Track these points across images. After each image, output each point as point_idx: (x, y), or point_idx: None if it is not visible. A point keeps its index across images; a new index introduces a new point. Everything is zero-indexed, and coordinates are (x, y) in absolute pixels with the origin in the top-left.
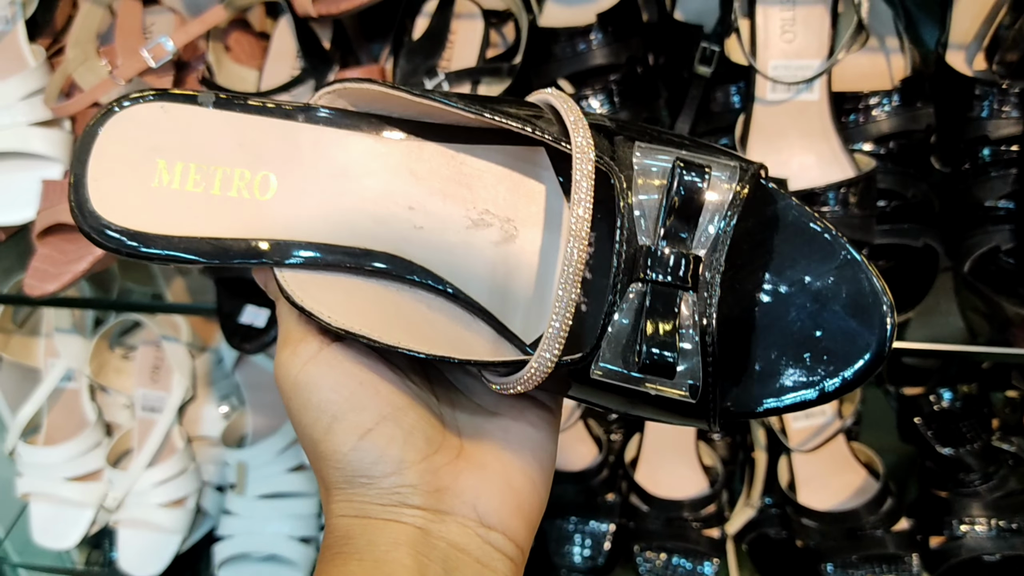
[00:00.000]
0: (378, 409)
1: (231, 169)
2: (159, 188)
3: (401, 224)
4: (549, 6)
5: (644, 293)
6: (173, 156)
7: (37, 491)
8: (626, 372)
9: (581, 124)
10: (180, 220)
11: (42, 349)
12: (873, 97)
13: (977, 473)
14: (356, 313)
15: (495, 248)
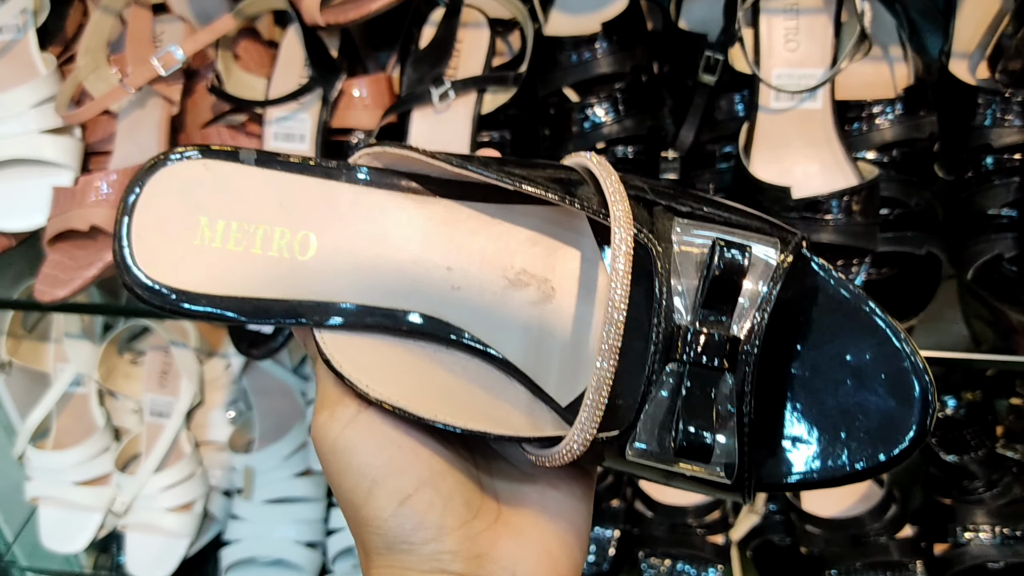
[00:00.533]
0: (417, 474)
1: (272, 228)
2: (201, 246)
3: (438, 284)
4: (554, 15)
5: (681, 374)
6: (215, 214)
7: (46, 495)
8: (661, 453)
9: (620, 195)
10: (222, 278)
11: (51, 354)
12: (876, 105)
13: (981, 480)
14: (394, 380)
15: (531, 308)
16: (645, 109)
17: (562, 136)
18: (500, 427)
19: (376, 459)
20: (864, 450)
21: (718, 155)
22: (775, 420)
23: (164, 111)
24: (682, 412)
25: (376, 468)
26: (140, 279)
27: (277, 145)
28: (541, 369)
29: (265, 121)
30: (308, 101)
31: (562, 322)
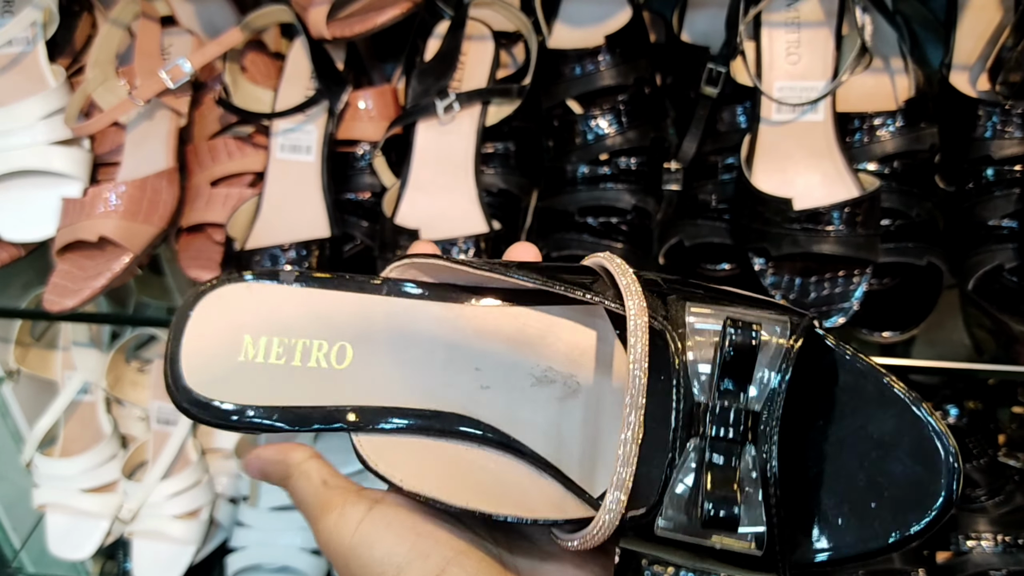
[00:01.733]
0: (442, 554)
1: (310, 341)
2: (245, 362)
3: (469, 385)
4: (558, 28)
5: (703, 449)
6: (258, 331)
7: (53, 502)
8: (689, 526)
9: (634, 287)
10: (265, 391)
11: (59, 362)
12: (877, 117)
13: (983, 489)
14: (427, 474)
15: (559, 404)
16: (648, 121)
17: (566, 148)
18: (531, 513)
19: (400, 547)
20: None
21: (720, 166)
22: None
23: (172, 123)
24: (706, 484)
25: (401, 554)
26: (190, 397)
27: (283, 157)
28: (570, 462)
29: (272, 133)
30: (314, 113)
31: (588, 415)
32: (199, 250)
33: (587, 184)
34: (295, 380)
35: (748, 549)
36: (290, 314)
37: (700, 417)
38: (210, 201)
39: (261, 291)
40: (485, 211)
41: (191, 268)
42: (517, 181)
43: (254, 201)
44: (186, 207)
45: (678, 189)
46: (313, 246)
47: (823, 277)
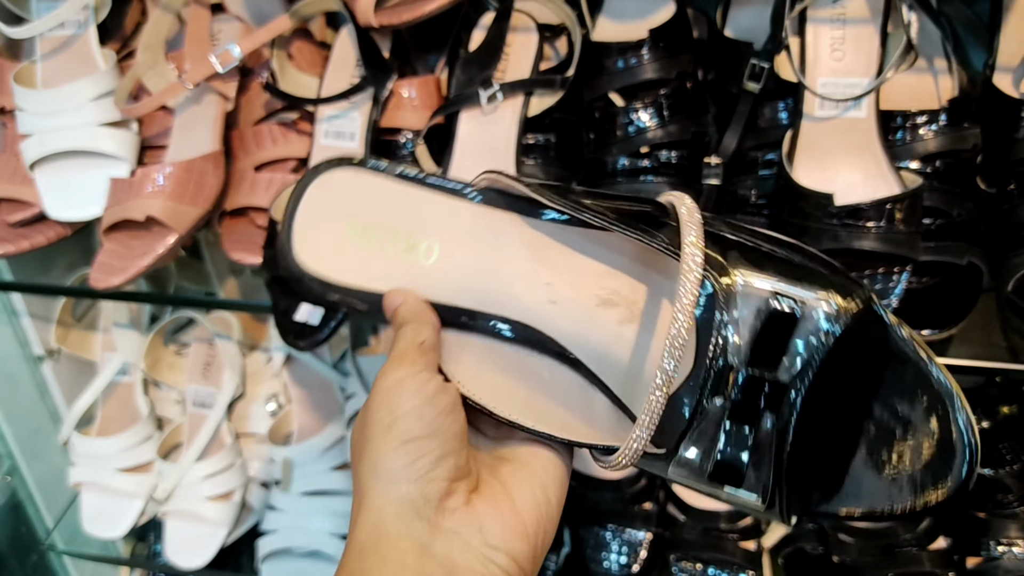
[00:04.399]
0: (432, 426)
1: (404, 235)
2: (345, 243)
3: (538, 298)
4: (602, 21)
5: (725, 408)
6: (360, 218)
7: (89, 481)
8: (697, 475)
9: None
10: (360, 273)
11: (99, 343)
12: (921, 116)
13: (1015, 494)
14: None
15: (619, 327)
16: (689, 115)
17: (606, 140)
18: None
19: (409, 403)
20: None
21: (761, 162)
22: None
23: (219, 107)
24: (721, 442)
25: (403, 410)
26: (297, 267)
27: (327, 143)
28: (624, 382)
29: (316, 119)
30: (359, 100)
31: (643, 342)
32: (242, 233)
33: (627, 176)
34: (386, 268)
35: (753, 504)
36: (391, 205)
37: (728, 380)
38: (254, 185)
39: (366, 179)
40: None
41: (234, 251)
42: (557, 172)
43: None
44: (230, 191)
45: (718, 183)
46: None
47: (863, 274)
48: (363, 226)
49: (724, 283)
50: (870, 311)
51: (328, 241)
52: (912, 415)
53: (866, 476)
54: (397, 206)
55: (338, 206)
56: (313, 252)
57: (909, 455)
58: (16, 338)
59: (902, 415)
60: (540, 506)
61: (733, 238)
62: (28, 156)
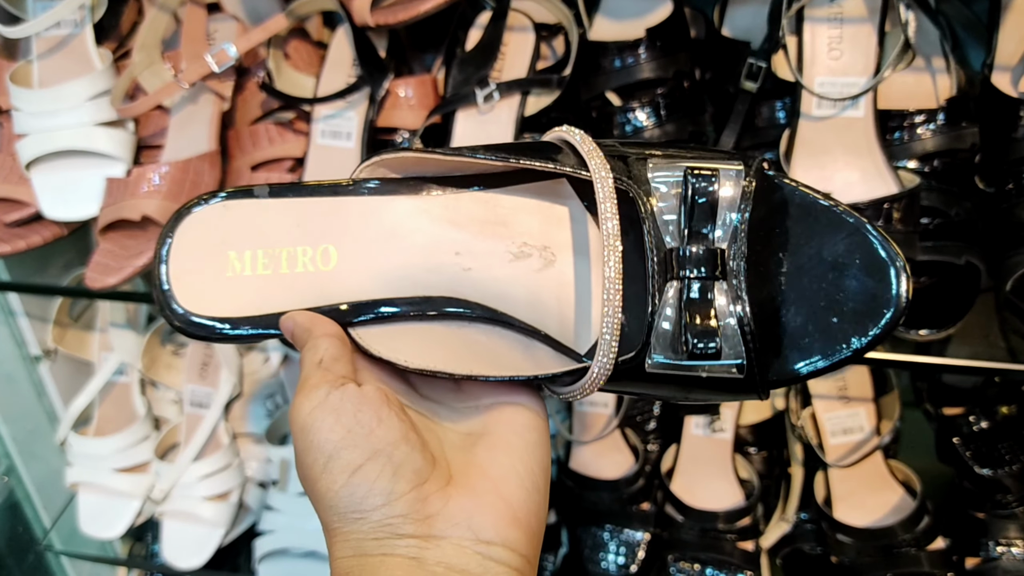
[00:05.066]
0: (370, 445)
1: (294, 248)
2: (233, 276)
3: (451, 269)
4: (599, 20)
5: (681, 289)
6: (241, 246)
7: (86, 481)
8: (676, 359)
9: (596, 152)
10: (257, 301)
11: (96, 343)
12: (918, 115)
13: (1014, 495)
14: (428, 353)
15: (538, 275)
16: (686, 114)
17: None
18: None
19: (333, 434)
20: (856, 328)
21: None
22: (773, 321)
23: (215, 107)
24: (687, 320)
25: (332, 443)
26: (184, 316)
27: (324, 143)
28: (555, 326)
29: (313, 119)
30: (355, 100)
31: (568, 281)
32: None
33: None
34: (285, 287)
35: (731, 374)
36: (270, 225)
37: (674, 261)
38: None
39: (238, 208)
40: None
41: None
42: None
43: None
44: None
45: None
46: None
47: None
48: (247, 254)
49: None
50: (765, 176)
51: (213, 280)
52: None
53: (818, 325)
54: (277, 223)
55: (213, 243)
56: (199, 295)
57: (847, 291)
58: (13, 338)
59: (826, 258)
60: (525, 483)
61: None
62: (24, 156)
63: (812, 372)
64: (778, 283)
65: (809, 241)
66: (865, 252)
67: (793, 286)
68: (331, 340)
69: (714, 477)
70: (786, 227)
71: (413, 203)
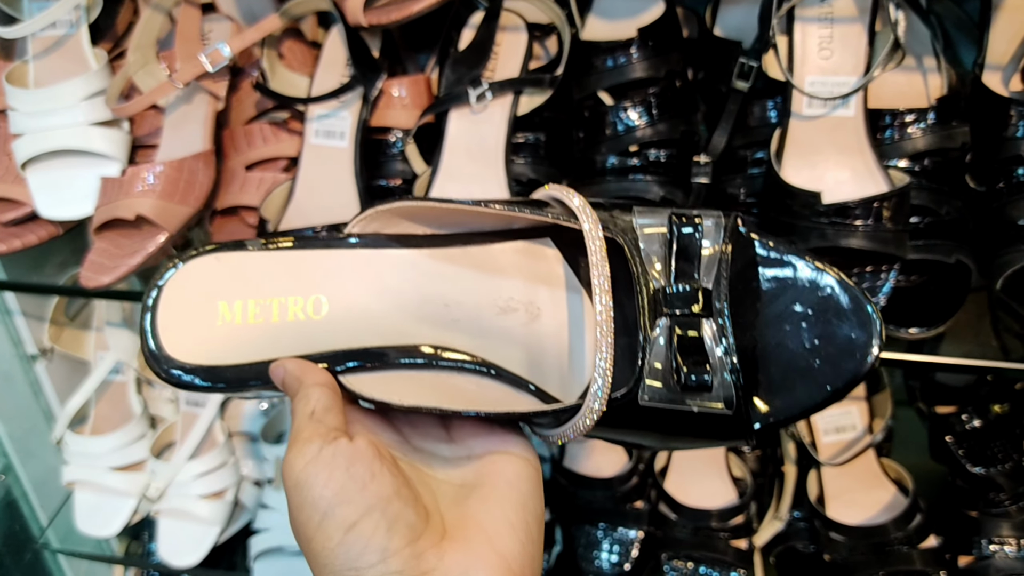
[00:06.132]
0: (364, 502)
1: (285, 298)
2: (223, 325)
3: (440, 320)
4: (591, 20)
5: (670, 326)
6: (232, 297)
7: (82, 479)
8: (668, 393)
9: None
10: (246, 350)
11: (92, 342)
12: (909, 114)
13: (1007, 493)
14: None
15: (525, 328)
16: (678, 114)
17: (596, 139)
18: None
19: (327, 491)
20: (836, 371)
21: (750, 160)
22: (755, 366)
23: (210, 107)
24: (679, 354)
25: (326, 499)
26: (172, 367)
27: (318, 142)
28: (546, 378)
29: (307, 119)
30: (349, 100)
31: (552, 334)
32: (232, 232)
33: (616, 175)
34: (276, 336)
35: (721, 410)
36: (262, 276)
37: (663, 299)
38: (245, 184)
39: (229, 259)
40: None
41: None
42: (547, 171)
43: (287, 185)
44: (221, 190)
45: (707, 182)
46: (344, 229)
47: (851, 272)
48: (238, 304)
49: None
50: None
51: (203, 329)
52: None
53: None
54: (270, 274)
55: (203, 294)
56: (187, 345)
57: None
58: (9, 337)
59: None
60: (519, 535)
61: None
62: (19, 155)
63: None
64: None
65: (786, 291)
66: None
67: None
68: (322, 390)
69: (707, 475)
70: (763, 278)
71: (404, 256)
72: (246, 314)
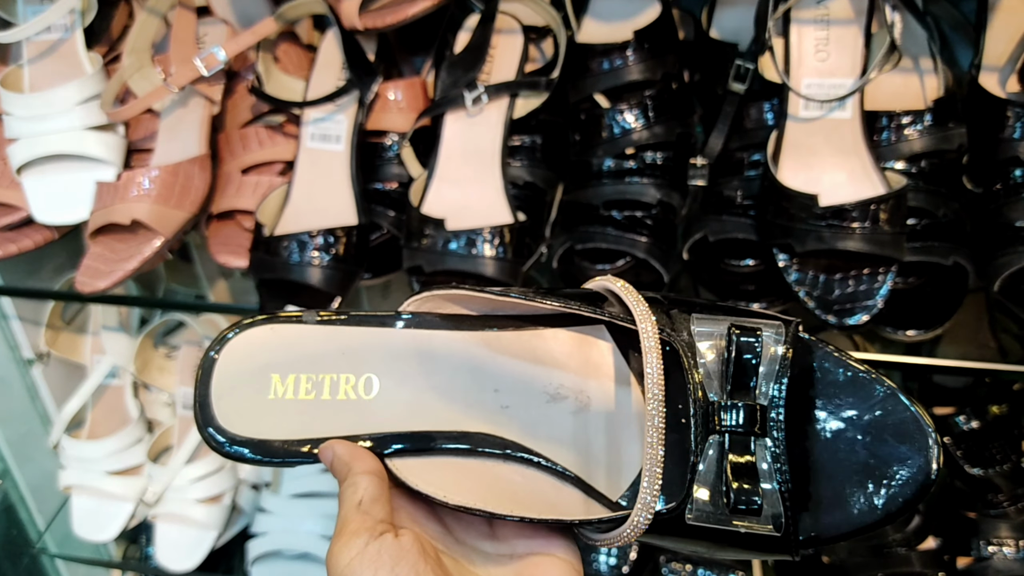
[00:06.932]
0: None
1: (337, 375)
2: (275, 400)
3: (489, 406)
4: (587, 23)
5: (722, 443)
6: (285, 370)
7: (79, 484)
8: (716, 514)
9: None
10: (297, 426)
11: (89, 346)
12: (906, 116)
13: (1006, 495)
14: (466, 490)
15: (573, 417)
16: (675, 116)
17: (592, 141)
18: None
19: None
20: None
21: (746, 163)
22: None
23: (205, 110)
24: (730, 474)
25: None
26: (225, 438)
27: (313, 146)
28: (590, 469)
29: (302, 122)
30: (345, 103)
31: (601, 425)
32: (228, 236)
33: (612, 178)
34: (326, 413)
35: (769, 531)
36: (315, 351)
37: (716, 414)
38: (240, 188)
39: (284, 332)
40: (510, 203)
41: (220, 254)
42: (543, 174)
43: (283, 189)
44: (217, 194)
45: (703, 184)
46: (340, 233)
47: (848, 274)
48: (290, 377)
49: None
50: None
51: (255, 402)
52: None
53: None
54: (323, 349)
55: (257, 365)
56: (240, 417)
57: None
58: (6, 341)
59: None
60: None
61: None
62: (15, 160)
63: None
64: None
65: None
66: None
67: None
68: (371, 479)
69: None
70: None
71: (456, 339)
72: (297, 389)
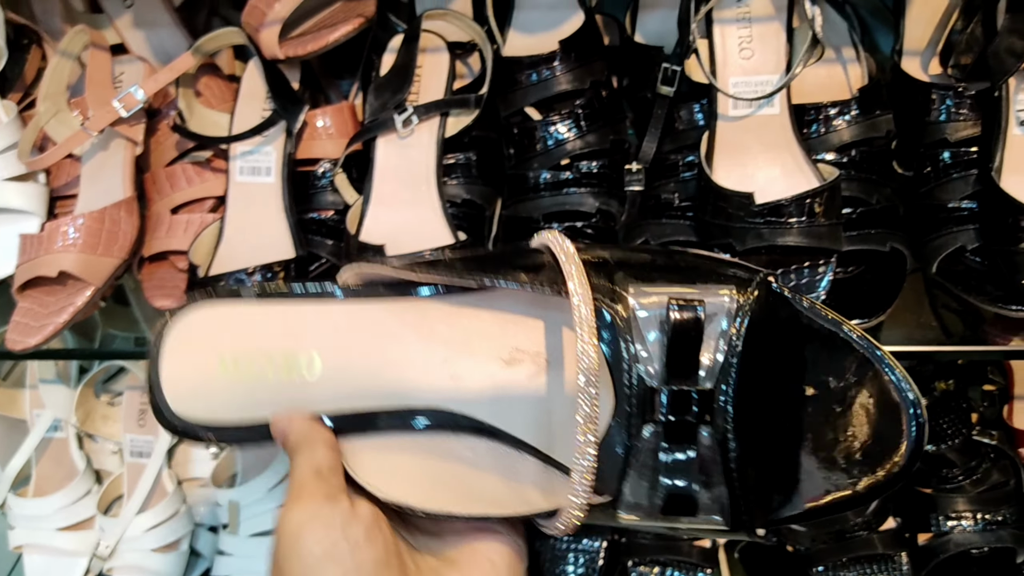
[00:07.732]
0: (349, 564)
1: (280, 355)
2: (222, 381)
3: (438, 378)
4: (512, 36)
5: (659, 434)
6: (229, 351)
7: (30, 543)
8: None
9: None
10: (245, 408)
11: (28, 401)
12: (833, 107)
13: (960, 468)
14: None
15: (530, 381)
16: (607, 123)
17: (526, 154)
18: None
19: (318, 547)
20: (864, 473)
21: (681, 164)
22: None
23: (128, 152)
24: (663, 471)
25: (315, 556)
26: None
27: (243, 179)
28: (549, 437)
29: (230, 156)
30: (272, 134)
31: (560, 389)
32: (163, 279)
33: (550, 190)
34: (271, 394)
35: (716, 526)
36: (257, 329)
37: (652, 402)
38: (171, 229)
39: (226, 309)
40: (450, 222)
41: (156, 298)
42: (480, 190)
43: (216, 226)
44: (147, 236)
45: (640, 190)
46: (278, 268)
47: (789, 269)
48: (235, 359)
49: (619, 309)
50: (771, 293)
51: (203, 384)
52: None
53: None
54: (265, 328)
55: (204, 346)
56: (190, 400)
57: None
58: None
59: (834, 390)
60: None
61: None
62: None
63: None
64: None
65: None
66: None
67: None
68: (329, 447)
69: None
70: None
71: (398, 309)
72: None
